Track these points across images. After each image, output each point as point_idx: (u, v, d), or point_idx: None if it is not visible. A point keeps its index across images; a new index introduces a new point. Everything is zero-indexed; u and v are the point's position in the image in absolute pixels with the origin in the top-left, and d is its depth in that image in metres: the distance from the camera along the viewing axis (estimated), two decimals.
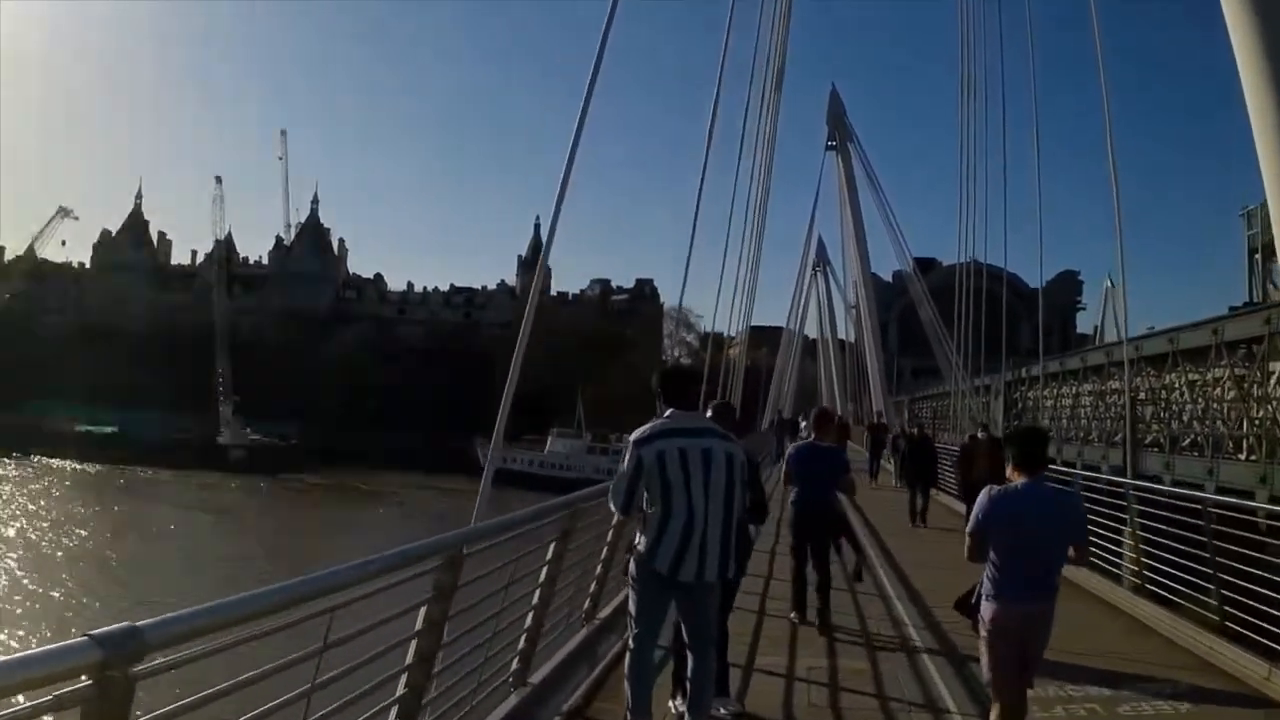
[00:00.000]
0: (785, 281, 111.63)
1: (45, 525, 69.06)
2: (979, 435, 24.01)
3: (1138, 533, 15.79)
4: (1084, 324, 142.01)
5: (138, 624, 3.26)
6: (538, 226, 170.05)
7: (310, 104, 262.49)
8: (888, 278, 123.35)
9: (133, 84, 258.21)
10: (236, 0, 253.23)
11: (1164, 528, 14.39)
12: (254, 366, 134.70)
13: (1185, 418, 32.37)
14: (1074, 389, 42.37)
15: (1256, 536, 12.82)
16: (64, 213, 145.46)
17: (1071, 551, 7.46)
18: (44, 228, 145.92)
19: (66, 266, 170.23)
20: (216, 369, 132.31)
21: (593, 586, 11.52)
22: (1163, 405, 33.18)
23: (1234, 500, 14.26)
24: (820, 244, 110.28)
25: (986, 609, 7.32)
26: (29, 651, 3.09)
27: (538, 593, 8.89)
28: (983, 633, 7.38)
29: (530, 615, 8.73)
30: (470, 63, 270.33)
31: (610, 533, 11.41)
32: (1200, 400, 30.65)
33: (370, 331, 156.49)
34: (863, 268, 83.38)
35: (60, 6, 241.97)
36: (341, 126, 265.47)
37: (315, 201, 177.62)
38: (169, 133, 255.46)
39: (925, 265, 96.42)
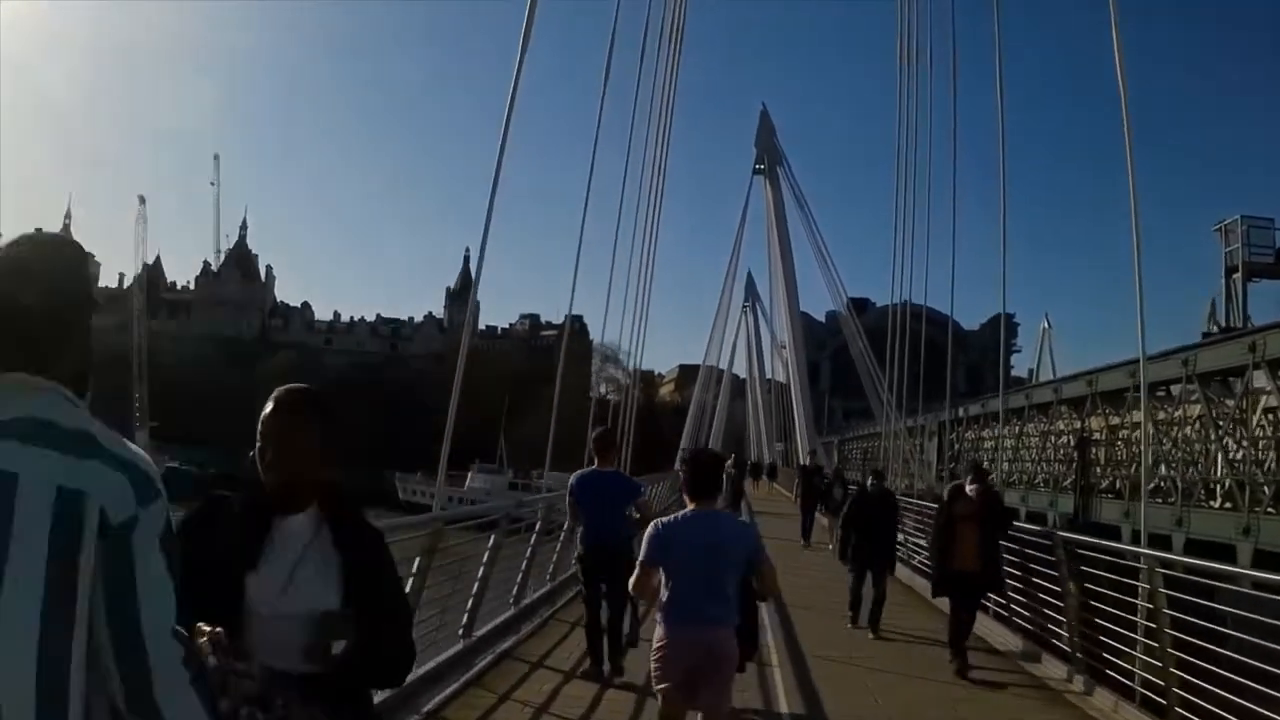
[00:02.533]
0: (713, 315, 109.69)
1: None
2: (968, 486, 14.51)
3: (1078, 598, 13.05)
4: (1020, 368, 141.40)
5: None
6: (467, 258, 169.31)
7: (242, 130, 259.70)
8: (821, 317, 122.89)
9: (63, 99, 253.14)
10: (175, 19, 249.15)
11: (1107, 592, 12.29)
12: (176, 392, 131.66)
13: (1151, 460, 29.43)
14: (1016, 429, 40.61)
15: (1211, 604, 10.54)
16: None
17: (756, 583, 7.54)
18: None
19: None
20: (134, 393, 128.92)
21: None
22: (1120, 446, 31.39)
23: (1185, 560, 13.20)
24: (750, 279, 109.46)
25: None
26: None
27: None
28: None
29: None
30: (402, 92, 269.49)
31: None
32: (1166, 440, 28.68)
33: (295, 360, 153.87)
34: (789, 298, 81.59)
35: None
36: (271, 152, 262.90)
37: (244, 227, 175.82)
38: (98, 153, 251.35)
39: (860, 306, 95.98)
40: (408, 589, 9.21)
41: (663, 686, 7.10)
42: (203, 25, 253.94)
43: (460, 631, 12.08)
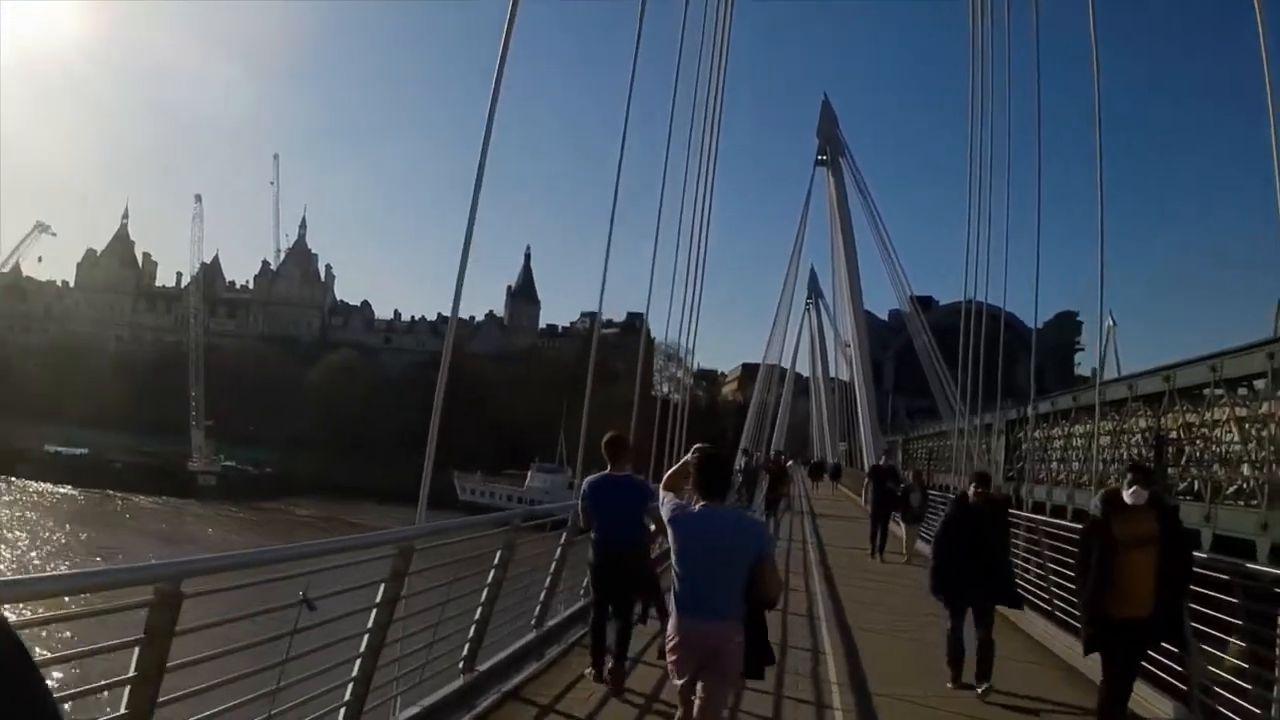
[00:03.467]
0: (784, 316, 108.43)
1: None
2: (1128, 494, 9.89)
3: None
4: (1083, 366, 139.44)
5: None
6: (528, 256, 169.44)
7: (303, 129, 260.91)
8: (883, 316, 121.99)
9: (121, 100, 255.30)
10: (230, 20, 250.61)
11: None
12: (233, 391, 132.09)
13: (1234, 459, 27.94)
14: (1086, 427, 39.23)
15: None
16: (41, 228, 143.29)
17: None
18: (20, 243, 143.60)
19: (49, 284, 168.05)
20: (190, 392, 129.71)
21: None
22: (1199, 445, 30.01)
23: None
24: (812, 275, 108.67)
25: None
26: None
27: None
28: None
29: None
30: (462, 89, 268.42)
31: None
32: (1253, 440, 27.23)
33: (354, 359, 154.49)
34: (853, 292, 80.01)
35: (39, 15, 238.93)
36: (331, 151, 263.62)
37: (303, 227, 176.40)
38: (158, 153, 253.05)
39: (922, 303, 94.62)
40: (489, 579, 10.35)
41: (679, 681, 7.37)
42: (261, 23, 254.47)
43: (533, 622, 12.63)
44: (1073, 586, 12.01)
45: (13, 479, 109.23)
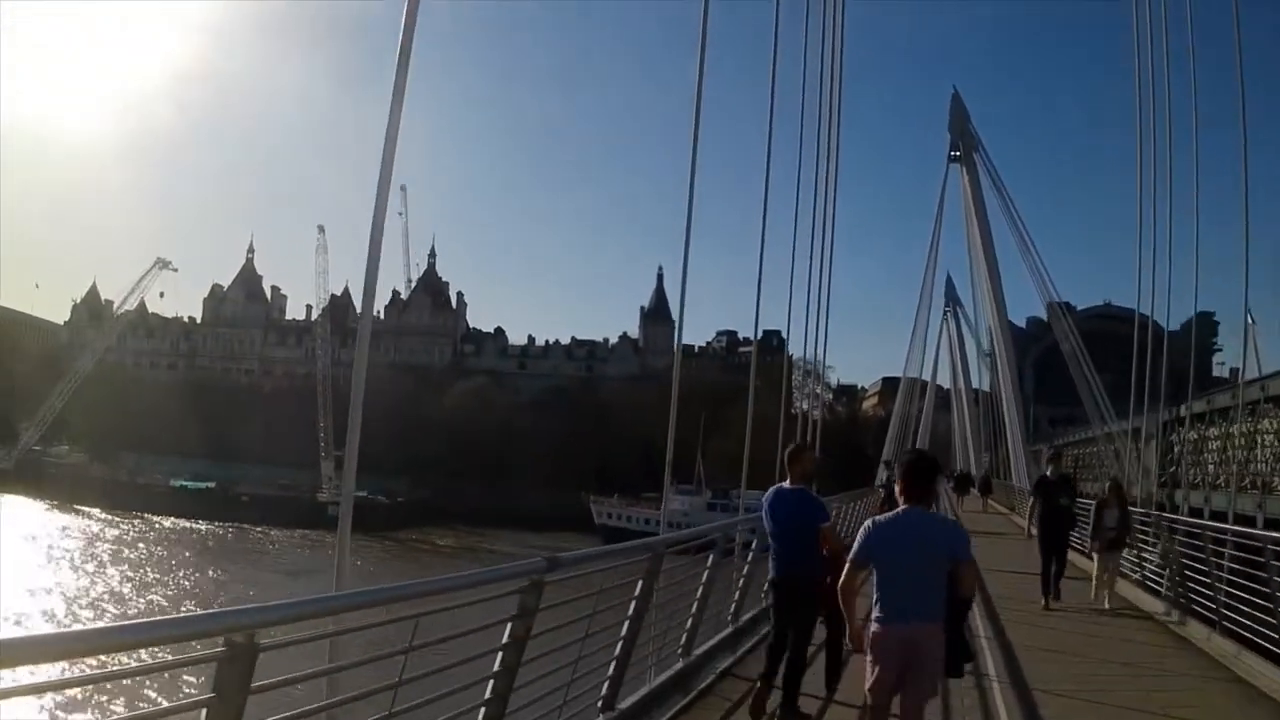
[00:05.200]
0: (922, 326, 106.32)
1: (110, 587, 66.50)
2: None
3: None
4: (1220, 368, 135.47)
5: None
6: (660, 276, 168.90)
7: (429, 156, 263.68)
8: (1021, 324, 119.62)
9: (244, 134, 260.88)
10: (357, 51, 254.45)
11: None
12: (364, 422, 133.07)
13: None
14: (1249, 428, 37.45)
15: None
16: (162, 264, 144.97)
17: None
18: (141, 279, 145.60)
19: (175, 320, 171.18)
20: (318, 423, 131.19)
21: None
22: None
23: None
24: (949, 282, 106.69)
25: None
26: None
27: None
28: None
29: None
30: (589, 112, 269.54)
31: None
32: None
33: (487, 386, 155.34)
34: (994, 294, 76.81)
35: (161, 46, 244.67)
36: (458, 179, 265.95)
37: (432, 255, 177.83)
38: (283, 186, 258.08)
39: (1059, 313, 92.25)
40: (630, 611, 9.50)
41: (875, 682, 7.46)
42: (388, 54, 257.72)
43: (680, 650, 11.97)
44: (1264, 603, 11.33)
45: (137, 513, 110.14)
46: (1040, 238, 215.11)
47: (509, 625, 6.67)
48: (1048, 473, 22.34)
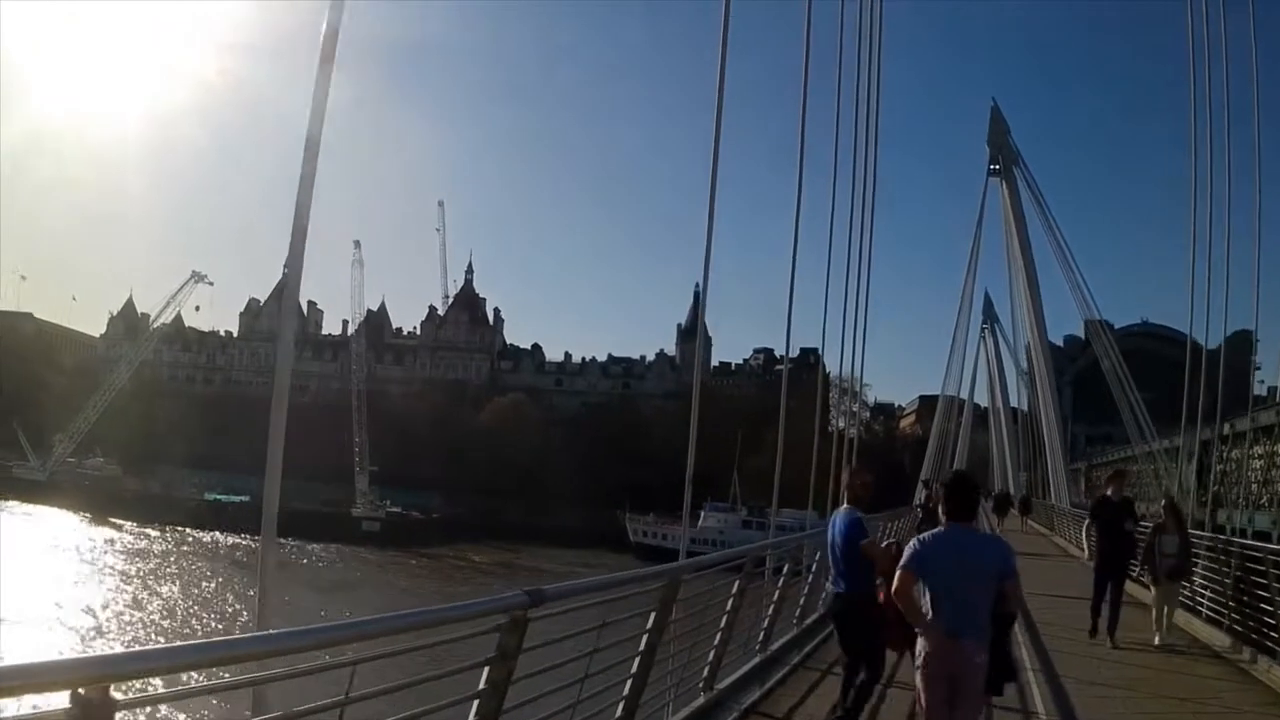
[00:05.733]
0: (960, 343, 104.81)
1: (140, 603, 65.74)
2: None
3: None
4: (1260, 387, 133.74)
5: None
6: (697, 294, 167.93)
7: (466, 173, 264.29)
8: (1059, 342, 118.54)
9: (282, 149, 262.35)
10: (389, 69, 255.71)
11: None
12: (400, 437, 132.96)
13: None
14: None
15: None
16: (198, 278, 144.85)
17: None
18: (176, 292, 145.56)
19: (212, 335, 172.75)
20: (354, 438, 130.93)
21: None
22: None
23: None
24: (987, 299, 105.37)
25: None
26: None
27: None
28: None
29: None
30: (628, 130, 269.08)
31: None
32: None
33: (524, 402, 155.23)
34: (1034, 309, 74.68)
35: (202, 67, 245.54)
36: (497, 195, 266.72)
37: (470, 271, 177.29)
38: (319, 201, 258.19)
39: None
40: (641, 646, 8.50)
41: (927, 699, 7.56)
42: (421, 72, 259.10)
43: (701, 685, 11.05)
44: None
45: (169, 526, 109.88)
46: (1076, 255, 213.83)
47: (485, 670, 5.68)
48: (1109, 492, 18.99)
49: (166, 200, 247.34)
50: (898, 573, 7.72)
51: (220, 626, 55.55)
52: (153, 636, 51.78)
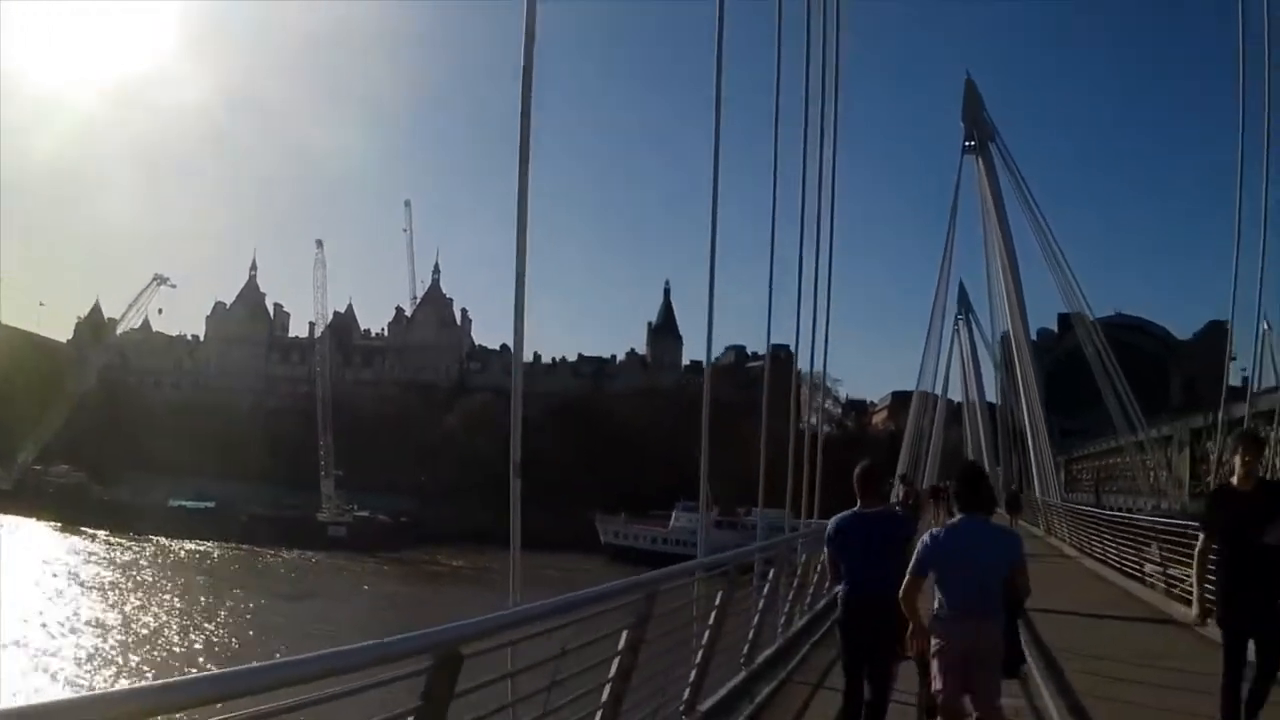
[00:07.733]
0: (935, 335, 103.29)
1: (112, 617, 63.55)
2: None
3: None
4: (1235, 376, 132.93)
5: None
6: (667, 291, 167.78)
7: (431, 171, 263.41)
8: (1031, 336, 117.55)
9: (247, 151, 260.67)
10: (357, 71, 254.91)
11: None
12: (368, 440, 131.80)
13: None
14: None
15: None
16: (160, 280, 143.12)
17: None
18: (138, 296, 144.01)
19: (180, 339, 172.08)
20: (319, 442, 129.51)
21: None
22: None
23: None
24: (961, 288, 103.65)
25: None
26: None
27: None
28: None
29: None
30: (596, 127, 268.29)
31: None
32: None
33: (493, 403, 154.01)
34: (1015, 290, 71.56)
35: (167, 69, 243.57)
36: (463, 194, 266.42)
37: (436, 271, 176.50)
38: (286, 204, 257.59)
39: (1065, 324, 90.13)
40: (612, 672, 7.26)
41: (942, 683, 7.64)
42: (385, 69, 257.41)
43: (682, 709, 9.76)
44: None
45: (133, 534, 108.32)
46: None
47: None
48: (1233, 480, 9.57)
49: (136, 205, 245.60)
50: (907, 577, 7.90)
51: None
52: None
